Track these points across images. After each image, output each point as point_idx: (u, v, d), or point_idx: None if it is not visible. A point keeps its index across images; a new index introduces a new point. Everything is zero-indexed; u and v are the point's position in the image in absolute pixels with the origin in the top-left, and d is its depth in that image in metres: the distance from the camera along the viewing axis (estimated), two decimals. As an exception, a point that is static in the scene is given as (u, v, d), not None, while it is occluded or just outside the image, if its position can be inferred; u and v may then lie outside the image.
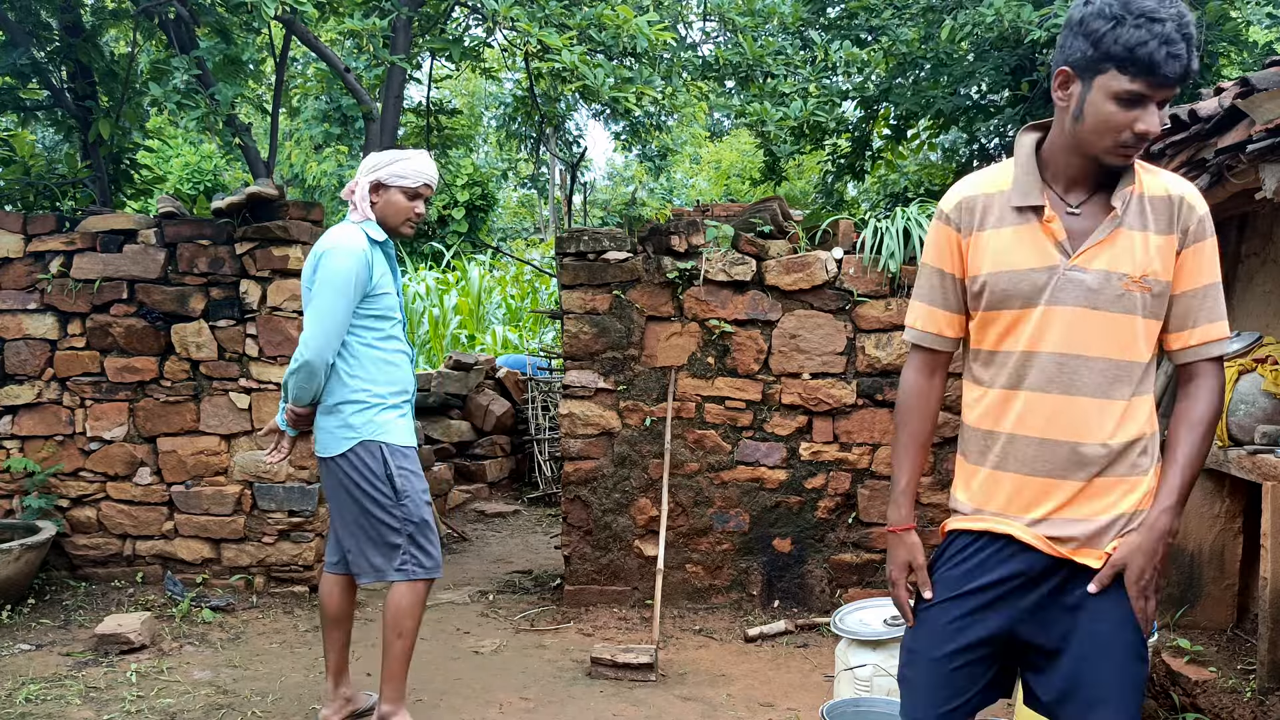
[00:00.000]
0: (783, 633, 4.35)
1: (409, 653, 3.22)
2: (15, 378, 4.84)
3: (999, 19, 5.32)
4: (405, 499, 3.18)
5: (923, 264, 1.94)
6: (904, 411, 1.96)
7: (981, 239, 1.83)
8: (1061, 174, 1.80)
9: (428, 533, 3.21)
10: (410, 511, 3.19)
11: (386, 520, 3.16)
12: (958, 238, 1.87)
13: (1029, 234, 1.79)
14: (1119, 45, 1.63)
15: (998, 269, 1.80)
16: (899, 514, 1.94)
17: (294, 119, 8.69)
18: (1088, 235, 1.77)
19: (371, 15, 5.00)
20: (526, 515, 7.02)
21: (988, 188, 1.86)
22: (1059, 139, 1.79)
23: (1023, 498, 1.79)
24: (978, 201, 1.85)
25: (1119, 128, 1.68)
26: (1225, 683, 3.09)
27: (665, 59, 5.70)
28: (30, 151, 5.73)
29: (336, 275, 3.09)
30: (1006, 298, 1.79)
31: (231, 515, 4.80)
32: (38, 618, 4.41)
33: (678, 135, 15.06)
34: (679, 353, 4.62)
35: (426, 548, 3.21)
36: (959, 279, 1.88)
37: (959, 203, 1.88)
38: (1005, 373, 1.81)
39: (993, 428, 1.83)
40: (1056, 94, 1.76)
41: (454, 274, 12.14)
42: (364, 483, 3.15)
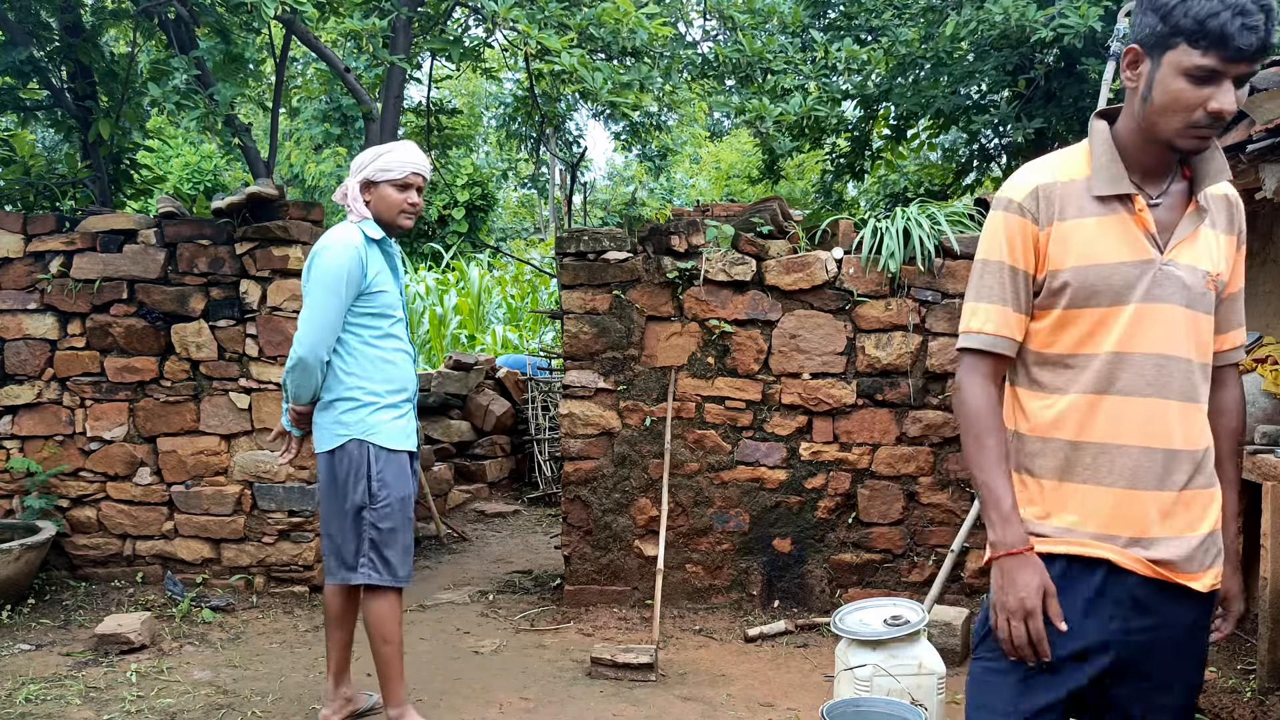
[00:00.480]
0: (783, 633, 4.35)
1: (398, 656, 3.23)
2: (15, 378, 4.84)
3: (1006, 17, 5.32)
4: (379, 504, 3.17)
5: (985, 261, 1.75)
6: (981, 427, 1.73)
7: (1063, 230, 1.68)
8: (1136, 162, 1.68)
9: (392, 543, 3.19)
10: (380, 517, 3.17)
11: (354, 521, 3.17)
12: (1034, 229, 1.70)
13: (1116, 225, 1.66)
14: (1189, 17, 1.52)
15: (1084, 263, 1.66)
16: (1015, 533, 1.68)
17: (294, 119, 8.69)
18: (1172, 228, 1.67)
19: (371, 15, 5.00)
20: (526, 515, 7.02)
21: (1063, 175, 1.71)
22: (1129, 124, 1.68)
23: (1121, 515, 1.65)
24: (1055, 189, 1.70)
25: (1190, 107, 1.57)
26: (1225, 683, 3.09)
27: (665, 57, 5.70)
28: (30, 151, 5.73)
29: (327, 273, 3.10)
30: (1093, 294, 1.65)
31: (231, 515, 4.80)
32: (38, 618, 4.41)
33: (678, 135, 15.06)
34: (679, 353, 4.62)
35: (388, 556, 3.18)
36: (1031, 275, 1.71)
37: (1034, 191, 1.71)
38: (1088, 376, 1.66)
39: (1076, 437, 1.67)
40: (1125, 74, 1.65)
41: (454, 274, 12.14)
42: (347, 480, 3.17)
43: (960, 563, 4.44)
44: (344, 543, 3.21)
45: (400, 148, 3.28)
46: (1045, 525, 1.70)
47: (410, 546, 3.28)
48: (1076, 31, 5.17)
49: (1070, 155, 1.75)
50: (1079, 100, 6.14)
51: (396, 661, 3.23)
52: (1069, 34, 5.18)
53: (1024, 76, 6.39)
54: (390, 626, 3.21)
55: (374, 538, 3.17)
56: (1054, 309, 1.69)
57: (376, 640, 3.22)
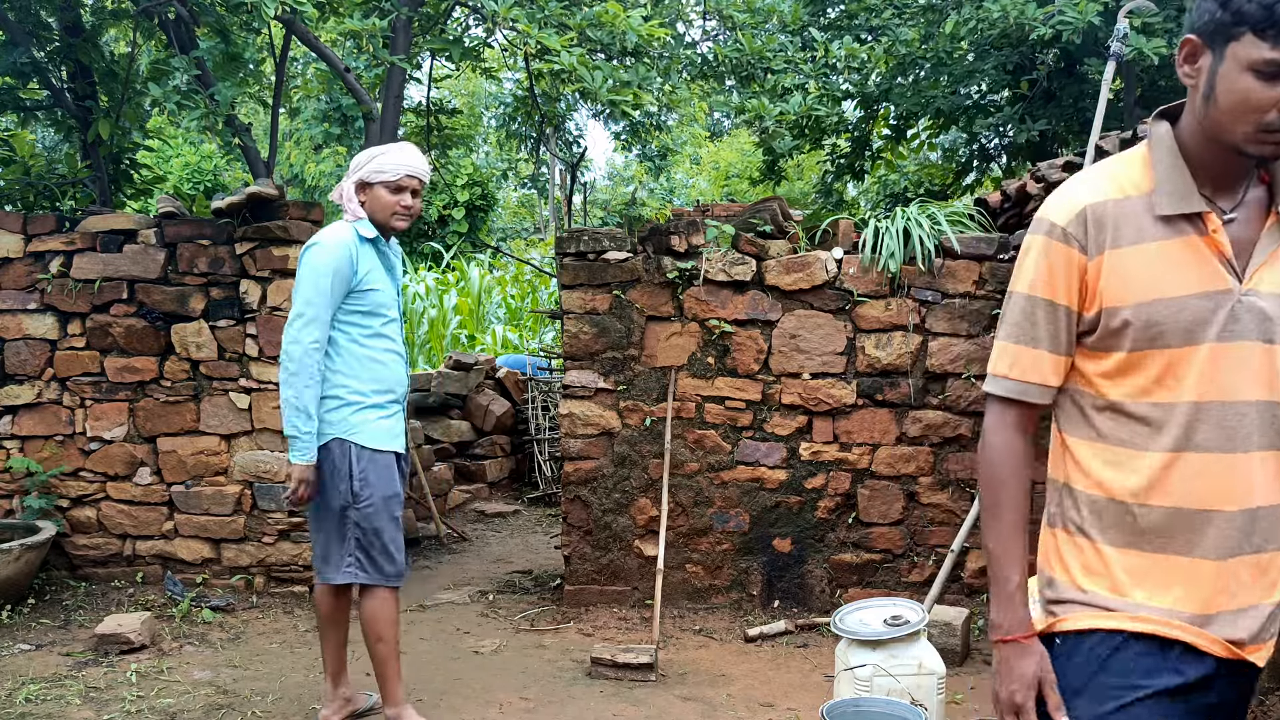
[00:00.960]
0: (783, 633, 4.35)
1: (394, 656, 3.24)
2: (15, 378, 4.84)
3: (1004, 15, 5.31)
4: (361, 504, 3.15)
5: (1019, 294, 1.51)
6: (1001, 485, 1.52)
7: (1120, 260, 1.43)
8: (1204, 171, 1.44)
9: (378, 542, 3.17)
10: (363, 516, 3.16)
11: (339, 520, 3.17)
12: (1081, 260, 1.45)
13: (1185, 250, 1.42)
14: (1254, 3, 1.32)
15: (1148, 298, 1.41)
16: (1015, 617, 1.50)
17: (294, 119, 8.69)
18: (1250, 249, 1.42)
19: (371, 15, 5.00)
20: (526, 515, 7.02)
21: (1117, 191, 1.46)
22: (1191, 126, 1.44)
23: (1197, 589, 1.43)
24: (1107, 210, 1.45)
25: (1261, 107, 1.34)
26: (1225, 683, 3.09)
27: (664, 57, 5.70)
28: (30, 151, 5.73)
29: (314, 269, 3.11)
30: (1159, 334, 1.41)
31: (231, 515, 4.80)
32: (38, 618, 4.41)
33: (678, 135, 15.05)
34: (679, 353, 4.62)
35: (374, 555, 3.18)
36: (1076, 313, 1.48)
37: (1082, 213, 1.46)
38: (1168, 431, 1.43)
39: (1148, 500, 1.44)
40: (1183, 70, 1.43)
41: (454, 274, 12.14)
42: (329, 479, 3.16)
43: (960, 563, 4.44)
44: (329, 542, 3.20)
45: (397, 149, 3.26)
46: (1112, 599, 1.46)
47: (400, 544, 3.25)
48: (1075, 28, 5.16)
49: (1124, 166, 1.49)
50: (1079, 101, 6.15)
51: (393, 660, 3.22)
52: (1068, 30, 5.18)
53: (1025, 77, 6.39)
54: (383, 625, 3.20)
55: (358, 537, 3.16)
56: (1116, 351, 1.45)
57: (371, 639, 3.22)
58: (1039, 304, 1.49)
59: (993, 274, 4.47)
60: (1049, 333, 1.49)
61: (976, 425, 4.50)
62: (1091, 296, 1.46)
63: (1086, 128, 5.79)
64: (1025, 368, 1.51)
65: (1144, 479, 1.44)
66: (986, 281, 4.48)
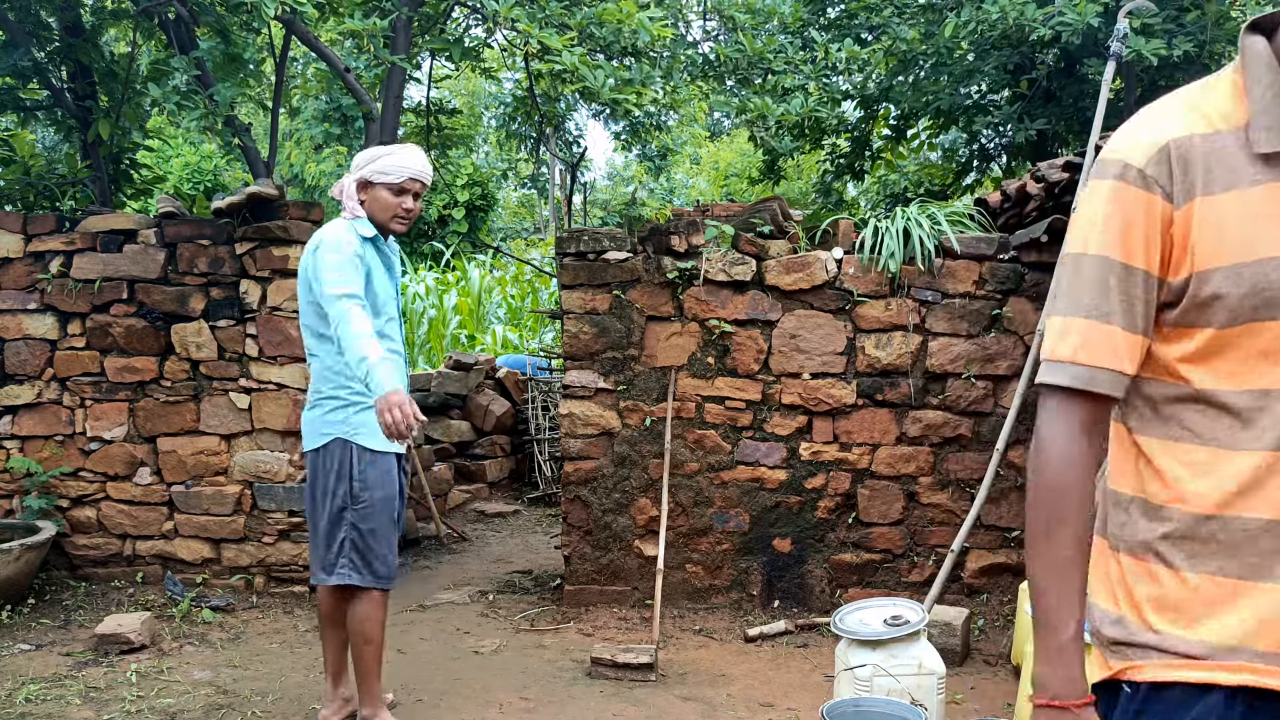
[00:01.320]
0: (783, 633, 4.35)
1: (377, 658, 3.24)
2: (15, 378, 4.84)
3: (1003, 16, 5.31)
4: (360, 505, 3.14)
5: (1087, 256, 1.19)
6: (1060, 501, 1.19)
7: (1213, 209, 1.14)
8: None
9: (374, 544, 3.16)
10: (360, 517, 3.15)
11: (337, 520, 3.16)
12: (1166, 209, 1.15)
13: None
14: None
15: (1248, 258, 1.12)
16: (1068, 676, 1.19)
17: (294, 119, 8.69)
18: None
19: (372, 15, 5.00)
20: (526, 515, 7.01)
21: (1204, 124, 1.16)
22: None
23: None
24: (1194, 147, 1.15)
25: None
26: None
27: (666, 57, 5.70)
28: (30, 151, 5.73)
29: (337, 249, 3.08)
30: (1264, 304, 1.12)
31: (231, 515, 4.80)
32: (38, 618, 4.41)
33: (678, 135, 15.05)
34: (679, 353, 4.62)
35: (369, 558, 3.17)
36: (1158, 278, 1.17)
37: (1165, 149, 1.15)
38: (1269, 425, 1.14)
39: (1241, 511, 1.14)
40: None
41: (454, 274, 12.14)
42: (329, 479, 3.15)
43: (960, 563, 4.44)
44: (326, 542, 3.19)
45: (401, 151, 3.23)
46: (1194, 642, 1.16)
47: (394, 547, 3.23)
48: (1075, 29, 5.16)
49: (1208, 94, 1.19)
50: (1079, 100, 6.14)
51: (375, 663, 3.23)
52: (1067, 31, 5.18)
53: (1025, 77, 6.39)
54: (372, 627, 3.20)
55: (354, 539, 3.15)
56: (1205, 327, 1.16)
57: (357, 640, 3.21)
58: (1112, 267, 1.16)
59: (993, 274, 4.47)
60: (1123, 305, 1.17)
61: (976, 425, 4.51)
62: (1180, 258, 1.15)
63: (1086, 127, 5.78)
64: (1095, 350, 1.18)
65: (1236, 484, 1.15)
66: (986, 281, 4.48)
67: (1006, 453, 4.24)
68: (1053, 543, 1.19)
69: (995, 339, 4.48)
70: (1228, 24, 5.82)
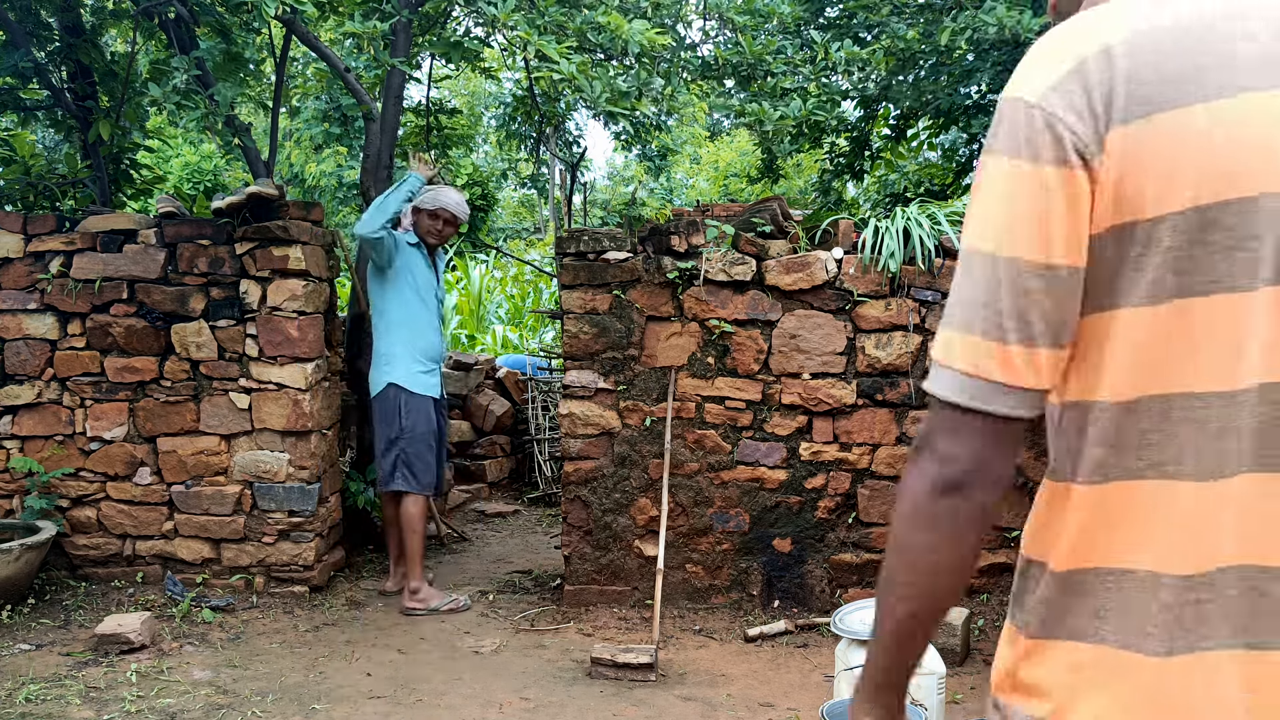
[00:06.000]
0: (783, 633, 4.35)
1: (420, 543, 4.65)
2: (15, 378, 4.84)
3: (1000, 26, 5.32)
4: (406, 434, 4.60)
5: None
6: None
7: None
8: None
9: (416, 462, 4.61)
10: (408, 443, 4.61)
11: (392, 446, 4.62)
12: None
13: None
14: None
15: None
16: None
17: (294, 119, 8.68)
18: None
19: (372, 17, 5.00)
20: (526, 515, 7.01)
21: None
22: None
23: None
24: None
25: None
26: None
27: (665, 60, 5.69)
28: (30, 151, 5.73)
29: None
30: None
31: (231, 515, 4.80)
32: (38, 618, 4.41)
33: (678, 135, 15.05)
34: (679, 353, 4.62)
35: (415, 472, 4.61)
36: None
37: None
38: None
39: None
40: None
41: (454, 274, 12.14)
42: (387, 416, 4.63)
43: (960, 563, 4.43)
44: (387, 462, 4.63)
45: (443, 191, 4.72)
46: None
47: (430, 465, 4.69)
48: None
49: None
50: (1079, 100, 6.13)
51: (420, 547, 4.61)
52: None
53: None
54: (416, 521, 4.61)
55: (404, 459, 4.61)
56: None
57: (407, 531, 4.63)
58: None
59: (993, 274, 4.47)
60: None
61: (976, 425, 4.50)
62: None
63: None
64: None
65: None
66: (986, 281, 4.47)
67: (1006, 453, 4.23)
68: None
69: (995, 339, 4.48)
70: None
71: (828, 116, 6.19)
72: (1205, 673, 0.90)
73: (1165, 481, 0.91)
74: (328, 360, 5.02)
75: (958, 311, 0.94)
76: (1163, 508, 0.91)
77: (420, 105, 7.21)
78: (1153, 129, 0.87)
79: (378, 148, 5.51)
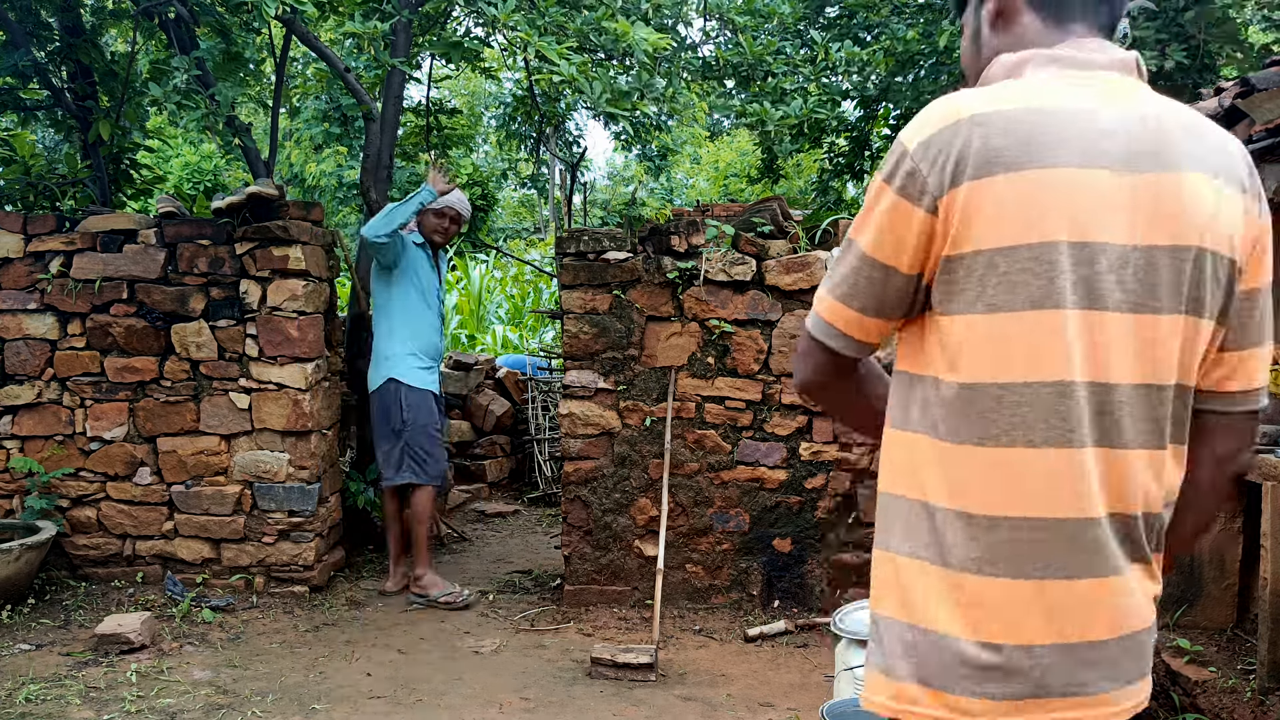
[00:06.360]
0: (783, 633, 4.35)
1: (427, 533, 4.77)
2: (15, 378, 4.84)
3: None
4: (409, 427, 4.69)
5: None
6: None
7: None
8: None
9: (420, 453, 4.72)
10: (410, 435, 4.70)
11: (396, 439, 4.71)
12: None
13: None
14: None
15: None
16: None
17: (294, 119, 8.68)
18: None
19: (372, 17, 5.00)
20: (526, 515, 7.02)
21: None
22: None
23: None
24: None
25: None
26: (1225, 683, 3.10)
27: (666, 61, 5.70)
28: (30, 151, 5.73)
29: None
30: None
31: (231, 515, 4.80)
32: (38, 618, 4.41)
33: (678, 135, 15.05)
34: (679, 353, 4.62)
35: (421, 463, 4.71)
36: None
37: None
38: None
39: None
40: None
41: (454, 274, 12.14)
42: (388, 410, 4.71)
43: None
44: (391, 455, 4.73)
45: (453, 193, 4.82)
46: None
47: (436, 456, 4.80)
48: None
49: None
50: (1079, 100, 6.14)
51: (425, 537, 4.74)
52: None
53: (1024, 77, 6.39)
54: (425, 511, 4.74)
55: (409, 451, 4.71)
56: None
57: (415, 521, 4.74)
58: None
59: (993, 274, 4.47)
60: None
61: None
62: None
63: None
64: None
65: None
66: (986, 281, 4.48)
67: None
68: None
69: (995, 339, 4.48)
70: (1226, 24, 5.83)
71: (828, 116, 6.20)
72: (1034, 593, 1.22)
73: (1008, 449, 1.21)
74: (328, 360, 5.02)
75: (832, 278, 1.32)
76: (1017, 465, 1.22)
77: (420, 105, 7.21)
78: (989, 186, 1.17)
79: (378, 148, 5.51)
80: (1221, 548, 3.53)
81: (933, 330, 1.26)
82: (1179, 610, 3.57)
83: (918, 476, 1.27)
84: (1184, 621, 3.56)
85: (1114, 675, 1.24)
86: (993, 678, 1.21)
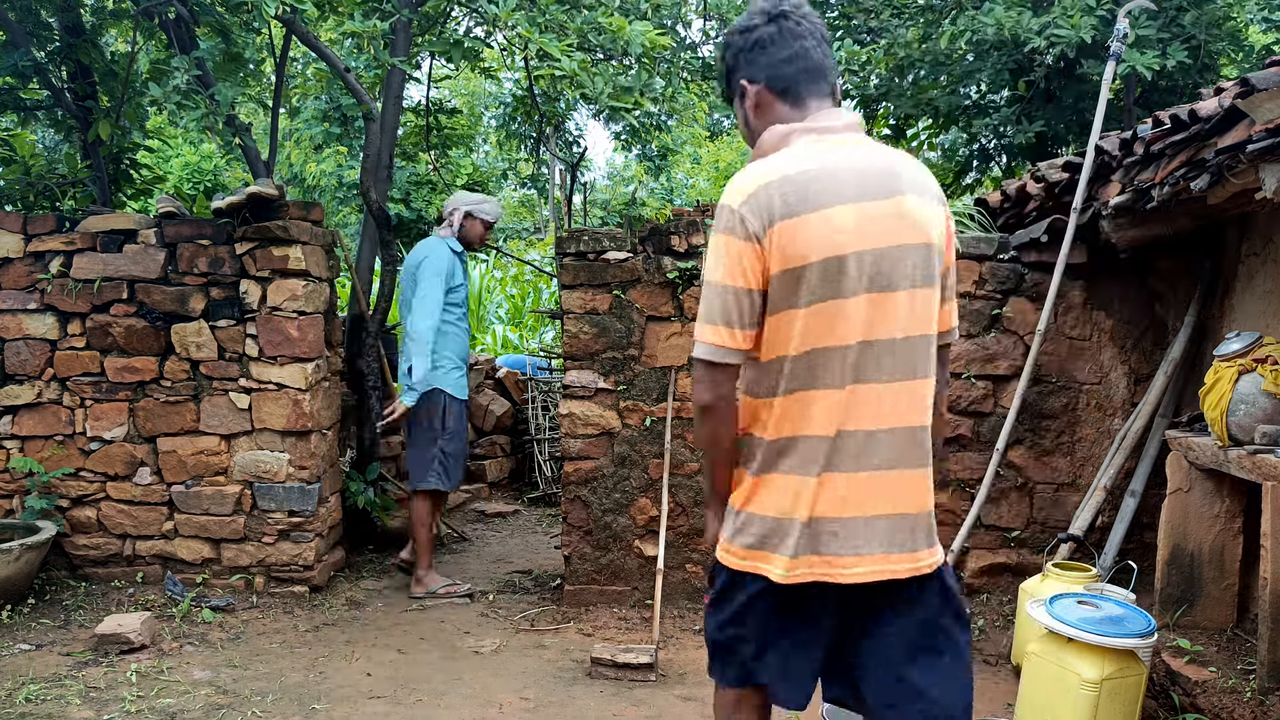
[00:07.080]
0: (783, 633, 4.34)
1: (430, 536, 4.93)
2: (15, 378, 4.84)
3: (999, 28, 5.32)
4: (447, 434, 4.86)
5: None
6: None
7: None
8: None
9: (450, 461, 4.90)
10: (446, 443, 4.86)
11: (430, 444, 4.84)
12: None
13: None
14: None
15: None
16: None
17: (294, 119, 8.69)
18: None
19: (372, 17, 5.00)
20: (526, 515, 7.02)
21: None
22: None
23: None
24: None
25: None
26: (1225, 683, 3.10)
27: (666, 61, 5.70)
28: (30, 151, 5.73)
29: (438, 271, 4.79)
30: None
31: (231, 515, 4.80)
32: (38, 618, 4.41)
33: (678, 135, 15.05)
34: (679, 353, 4.62)
35: (448, 470, 4.90)
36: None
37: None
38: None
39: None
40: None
41: (454, 274, 12.13)
42: (430, 415, 4.82)
43: (960, 562, 4.44)
44: (422, 460, 4.85)
45: (493, 201, 5.06)
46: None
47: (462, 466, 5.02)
48: (1069, 41, 5.17)
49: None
50: (1079, 101, 6.15)
51: (428, 539, 4.90)
52: (1061, 43, 5.19)
53: (1024, 79, 6.39)
54: (427, 515, 4.89)
55: (440, 458, 4.87)
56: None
57: (417, 524, 4.88)
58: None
59: (993, 274, 4.47)
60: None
61: (976, 425, 4.51)
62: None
63: (1086, 128, 5.78)
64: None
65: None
66: (986, 281, 4.48)
67: (1006, 453, 4.24)
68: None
69: (995, 339, 4.49)
70: (1226, 24, 5.82)
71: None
72: (831, 484, 1.87)
73: (816, 391, 1.84)
74: (328, 360, 5.02)
75: (704, 313, 1.86)
76: (815, 404, 1.84)
77: (420, 105, 7.21)
78: (795, 223, 1.79)
79: (378, 148, 5.51)
80: (1221, 547, 3.53)
81: (786, 323, 1.84)
82: (1179, 610, 3.56)
83: (760, 421, 1.94)
84: (1184, 621, 3.56)
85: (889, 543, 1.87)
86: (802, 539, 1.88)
